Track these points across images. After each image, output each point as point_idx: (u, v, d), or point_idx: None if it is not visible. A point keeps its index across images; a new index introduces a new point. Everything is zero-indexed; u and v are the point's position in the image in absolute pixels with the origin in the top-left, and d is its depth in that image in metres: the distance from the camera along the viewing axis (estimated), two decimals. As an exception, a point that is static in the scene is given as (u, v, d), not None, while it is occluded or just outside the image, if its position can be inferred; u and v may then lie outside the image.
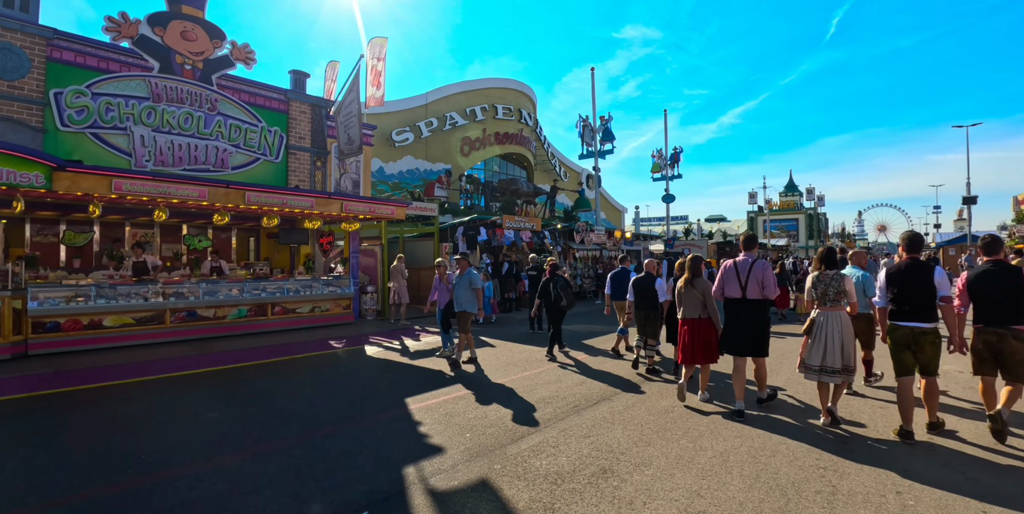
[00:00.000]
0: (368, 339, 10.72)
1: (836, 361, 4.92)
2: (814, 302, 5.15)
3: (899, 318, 4.74)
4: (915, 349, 4.63)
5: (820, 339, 4.99)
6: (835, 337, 4.94)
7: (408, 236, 16.58)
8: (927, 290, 4.61)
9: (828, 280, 5.05)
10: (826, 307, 5.03)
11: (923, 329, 4.59)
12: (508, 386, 6.93)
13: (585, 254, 18.94)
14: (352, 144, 11.57)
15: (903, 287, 4.72)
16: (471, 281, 8.11)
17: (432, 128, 31.51)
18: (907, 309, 4.67)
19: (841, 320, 4.98)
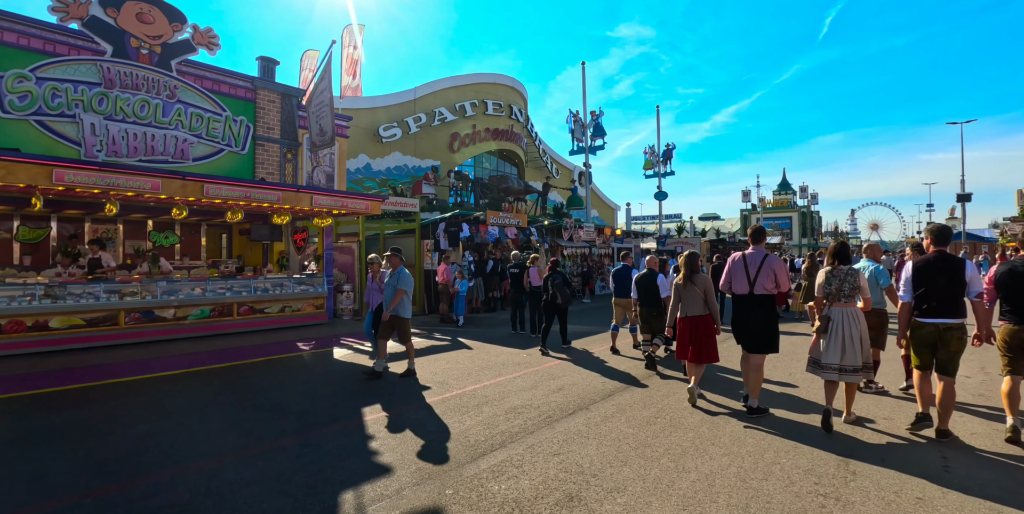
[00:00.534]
0: (339, 341, 10.12)
1: (856, 359, 4.73)
2: (825, 299, 4.91)
3: (925, 315, 4.52)
4: (940, 345, 4.46)
5: (837, 337, 4.76)
6: (853, 334, 4.74)
7: (389, 233, 15.96)
8: (957, 285, 4.43)
9: (843, 275, 4.83)
10: (840, 303, 4.82)
11: (949, 325, 4.42)
12: (480, 393, 6.35)
13: (574, 251, 18.39)
14: (324, 135, 10.95)
15: (931, 282, 4.49)
16: (399, 281, 7.14)
17: (421, 124, 30.87)
18: (934, 305, 4.46)
19: (857, 316, 4.81)
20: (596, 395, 6.23)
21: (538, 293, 10.46)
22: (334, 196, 10.60)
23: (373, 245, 16.59)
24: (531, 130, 39.11)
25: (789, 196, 67.85)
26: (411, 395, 6.28)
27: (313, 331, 11.01)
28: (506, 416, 5.44)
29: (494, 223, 14.80)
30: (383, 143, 28.79)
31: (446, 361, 8.23)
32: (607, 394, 6.26)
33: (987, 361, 7.77)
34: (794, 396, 6.14)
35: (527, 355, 8.68)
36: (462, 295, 11.44)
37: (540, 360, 8.27)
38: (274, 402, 5.98)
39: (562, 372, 7.44)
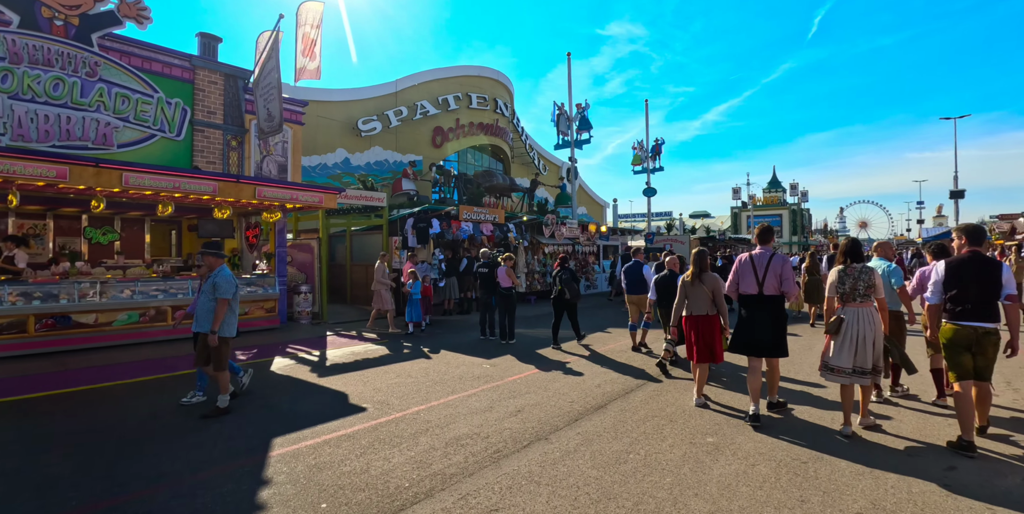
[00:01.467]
0: (285, 349, 9.06)
1: (867, 361, 4.57)
2: (838, 299, 4.71)
3: (961, 318, 4.28)
4: (976, 351, 4.23)
5: (851, 339, 4.58)
6: (867, 336, 4.56)
7: (356, 229, 14.89)
8: (993, 287, 4.21)
9: (856, 274, 4.62)
10: (855, 303, 4.61)
11: (987, 329, 4.20)
12: (422, 417, 5.33)
13: (556, 249, 17.40)
14: (272, 121, 9.88)
15: (966, 283, 4.26)
16: (216, 288, 5.44)
17: (402, 117, 29.73)
18: (969, 308, 4.23)
19: (872, 317, 4.61)
20: (560, 419, 5.22)
21: (508, 295, 9.46)
22: (282, 188, 9.50)
23: (339, 242, 15.52)
24: (517, 125, 38.06)
25: (779, 194, 67.32)
26: (339, 419, 5.23)
27: (260, 337, 9.93)
28: (445, 450, 4.42)
29: (468, 219, 13.77)
30: (362, 137, 27.67)
31: (396, 374, 7.20)
32: (573, 418, 5.26)
33: (1012, 375, 6.85)
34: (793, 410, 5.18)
35: (490, 366, 7.66)
36: (415, 298, 10.34)
37: (503, 373, 7.26)
38: (172, 429, 4.92)
39: (526, 388, 6.42)
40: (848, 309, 4.63)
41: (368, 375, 7.15)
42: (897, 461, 4.08)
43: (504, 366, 7.68)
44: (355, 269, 14.53)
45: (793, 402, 5.68)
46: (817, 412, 5.33)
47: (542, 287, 16.48)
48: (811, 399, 5.83)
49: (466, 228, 13.51)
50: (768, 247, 5.22)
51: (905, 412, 5.36)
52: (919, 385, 6.32)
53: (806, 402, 5.71)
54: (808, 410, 5.42)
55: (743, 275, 5.18)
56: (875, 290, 4.62)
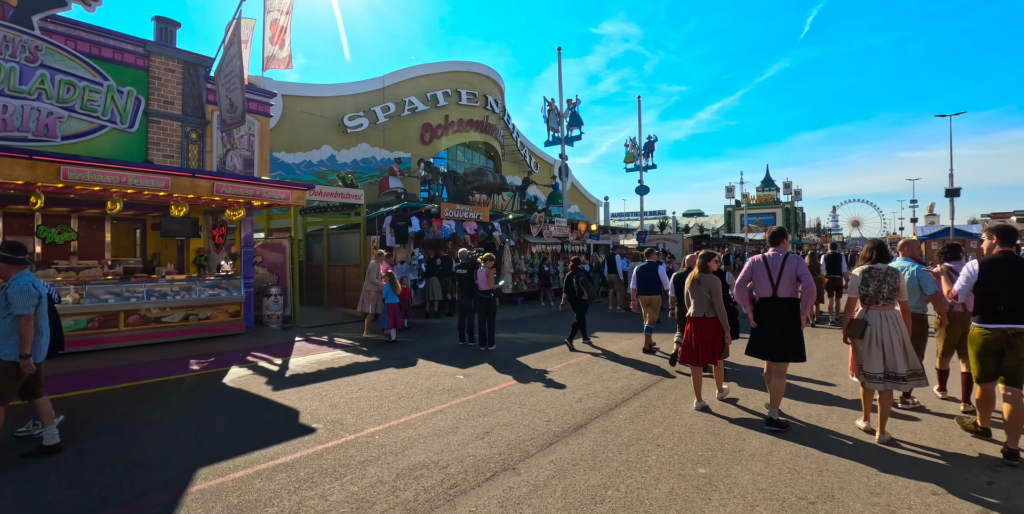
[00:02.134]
0: (245, 357, 8.40)
1: (901, 365, 4.40)
2: (861, 301, 4.61)
3: (991, 320, 4.18)
4: (1008, 352, 4.12)
5: (877, 343, 4.46)
6: (894, 339, 4.44)
7: (333, 228, 14.21)
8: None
9: (882, 276, 4.51)
10: (879, 306, 4.50)
11: (1018, 331, 4.10)
12: (377, 441, 4.70)
13: (544, 249, 16.78)
14: (235, 112, 9.21)
15: (998, 284, 4.16)
16: (8, 302, 4.25)
17: (389, 113, 29.07)
18: (1001, 309, 4.14)
19: (896, 320, 4.50)
20: (532, 443, 4.60)
21: (487, 299, 8.84)
22: (245, 184, 8.82)
23: (317, 241, 14.85)
24: (508, 122, 37.45)
25: (773, 192, 67.07)
26: (283, 443, 4.59)
27: (222, 344, 9.27)
28: (394, 484, 3.80)
29: (450, 217, 13.12)
30: (348, 134, 27.00)
31: (359, 387, 6.56)
32: (548, 441, 4.64)
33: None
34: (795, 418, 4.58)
35: (464, 377, 7.04)
36: (390, 302, 9.65)
37: (477, 385, 6.63)
38: (75, 461, 4.26)
39: (499, 403, 5.80)
40: (871, 312, 4.50)
41: (328, 388, 6.51)
42: (927, 482, 3.49)
43: (479, 377, 7.06)
44: (332, 270, 13.87)
45: (799, 405, 5.09)
46: (823, 418, 4.75)
47: (529, 288, 15.86)
48: (819, 399, 5.25)
49: (448, 227, 12.86)
50: (781, 248, 5.06)
51: (916, 421, 4.80)
52: (925, 394, 5.76)
53: (815, 400, 5.13)
54: (815, 413, 4.82)
55: (757, 277, 5.03)
56: (899, 293, 4.50)
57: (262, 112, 10.33)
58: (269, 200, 9.23)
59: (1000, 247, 4.29)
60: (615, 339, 9.95)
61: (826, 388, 6.31)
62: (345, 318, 12.63)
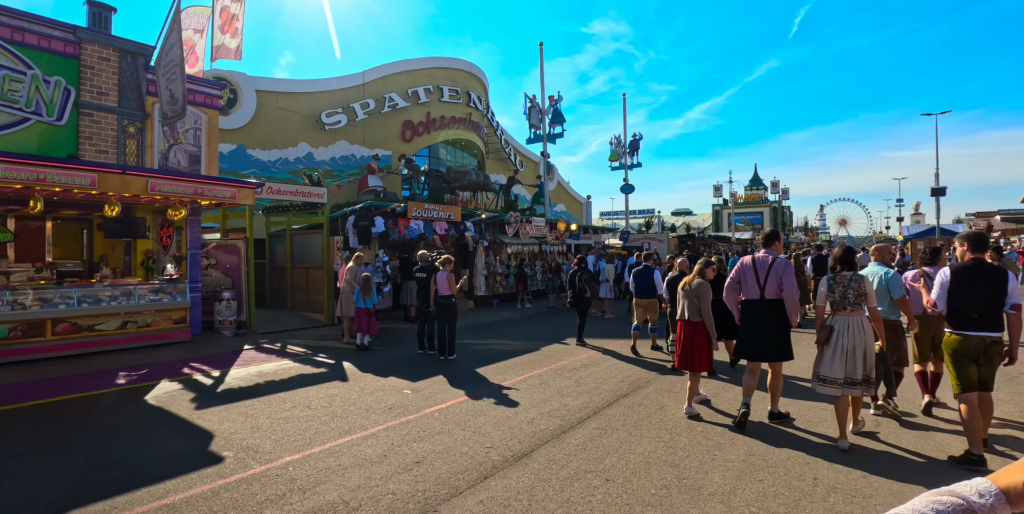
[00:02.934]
0: (181, 368, 7.75)
1: (859, 371, 4.40)
2: (828, 307, 4.64)
3: (967, 327, 4.18)
4: (983, 361, 4.15)
5: (840, 348, 4.44)
6: (857, 345, 4.41)
7: (296, 228, 13.54)
8: (999, 297, 4.10)
9: (846, 282, 4.52)
10: (845, 312, 4.51)
11: (994, 339, 4.14)
12: (289, 473, 4.10)
13: (521, 249, 16.19)
14: (176, 103, 8.54)
15: (972, 292, 4.16)
16: None
17: (369, 110, 28.33)
18: (975, 317, 4.15)
19: (863, 326, 4.46)
20: (465, 477, 4.02)
21: (447, 305, 8.25)
22: (183, 181, 8.14)
23: (279, 242, 14.17)
24: (492, 120, 36.77)
25: (760, 191, 66.91)
26: (181, 477, 3.97)
27: (161, 353, 8.60)
28: (288, 535, 3.20)
29: (418, 216, 12.49)
30: (327, 131, 26.26)
31: (293, 404, 5.95)
32: (483, 474, 4.06)
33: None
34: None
35: (412, 392, 6.44)
36: (360, 308, 9.06)
37: (423, 402, 6.04)
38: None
39: (441, 425, 5.21)
40: (838, 318, 4.50)
41: (258, 406, 5.89)
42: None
43: (429, 391, 6.46)
44: (296, 272, 13.21)
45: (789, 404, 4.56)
46: (813, 422, 4.21)
47: (505, 290, 15.28)
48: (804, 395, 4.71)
49: (416, 227, 12.24)
50: (772, 250, 5.07)
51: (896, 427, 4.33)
52: (905, 397, 5.26)
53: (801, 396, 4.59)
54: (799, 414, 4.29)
55: (745, 279, 5.07)
56: (866, 299, 4.45)
57: (210, 105, 9.66)
58: (213, 199, 8.57)
59: (971, 254, 4.27)
60: (585, 346, 9.39)
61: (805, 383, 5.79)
62: (307, 323, 11.99)
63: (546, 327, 11.65)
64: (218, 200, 8.76)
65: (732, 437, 4.71)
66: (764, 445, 4.53)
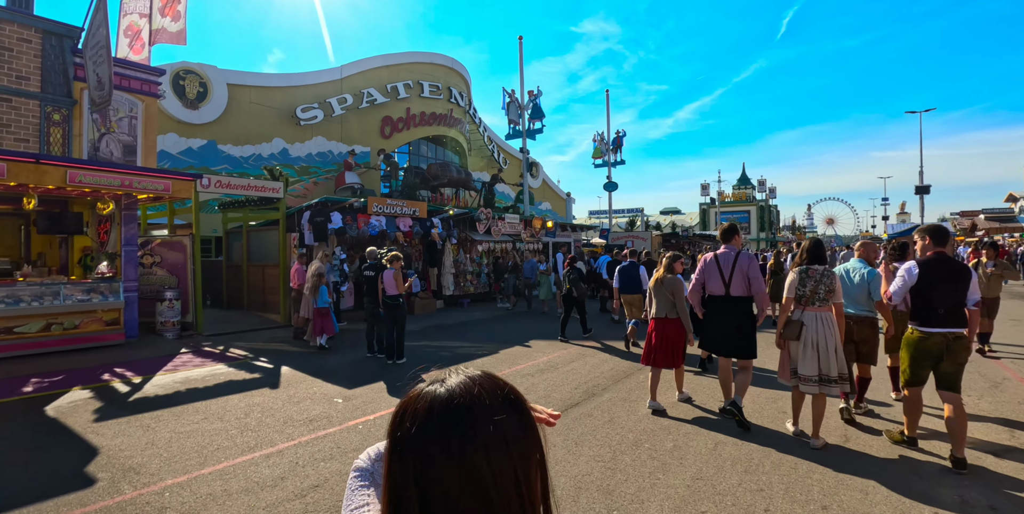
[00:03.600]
0: (102, 374, 7.11)
1: (833, 368, 4.25)
2: (797, 301, 4.47)
3: (931, 324, 4.02)
4: (947, 357, 3.99)
5: (812, 345, 4.28)
6: (828, 341, 4.29)
7: (254, 225, 12.89)
8: (962, 292, 3.96)
9: (818, 276, 4.39)
10: (814, 307, 4.38)
11: (959, 335, 3.97)
12: (165, 499, 3.53)
13: (493, 247, 15.62)
14: (103, 89, 7.89)
15: (936, 287, 4.00)
16: None
17: (346, 106, 27.63)
18: (941, 313, 3.98)
19: (832, 322, 4.35)
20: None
21: (395, 305, 7.69)
22: (107, 172, 7.48)
23: (236, 239, 13.52)
24: (475, 116, 36.17)
25: (748, 190, 66.78)
26: (40, 503, 3.39)
27: (88, 358, 7.95)
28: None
29: (379, 212, 11.89)
30: (302, 126, 25.55)
31: (204, 416, 5.36)
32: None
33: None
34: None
35: (342, 401, 5.87)
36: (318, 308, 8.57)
37: (350, 413, 5.47)
38: None
39: (359, 441, 4.65)
40: (807, 313, 4.36)
41: (165, 417, 5.29)
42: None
43: (362, 400, 5.90)
44: (252, 270, 12.57)
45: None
46: (770, 419, 3.69)
47: (477, 289, 14.71)
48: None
49: (376, 223, 11.64)
50: (733, 246, 4.96)
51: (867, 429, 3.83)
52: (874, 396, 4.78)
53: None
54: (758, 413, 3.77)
55: (709, 276, 4.96)
56: (834, 295, 4.34)
57: (147, 92, 9.01)
58: (143, 191, 7.93)
59: (933, 248, 4.12)
60: (549, 348, 8.86)
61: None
62: (262, 324, 11.36)
63: (513, 328, 11.12)
64: (150, 193, 8.12)
65: (681, 456, 4.19)
66: (716, 465, 4.00)
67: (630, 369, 7.21)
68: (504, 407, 0.69)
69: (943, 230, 4.19)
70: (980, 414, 5.15)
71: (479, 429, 0.66)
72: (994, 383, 6.26)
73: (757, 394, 5.80)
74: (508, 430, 0.67)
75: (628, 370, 7.17)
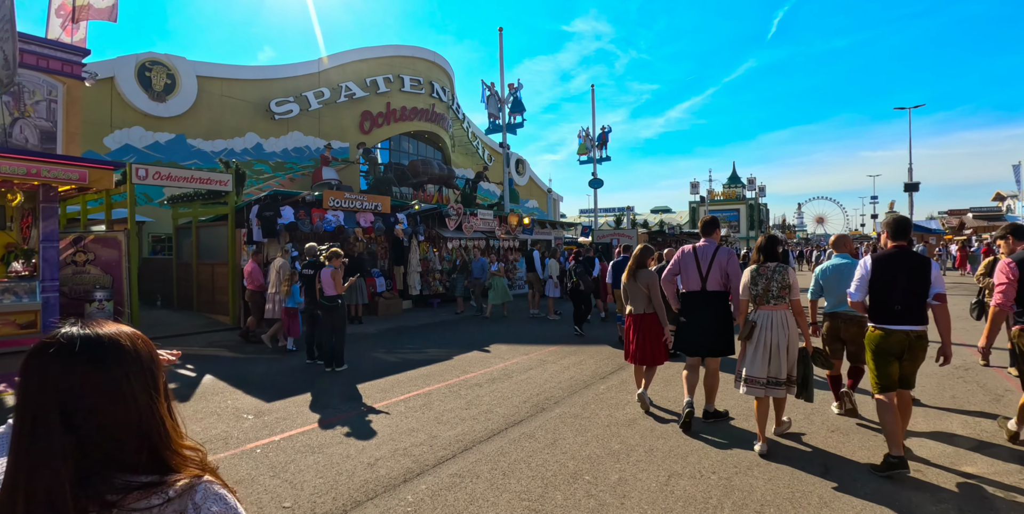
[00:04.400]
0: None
1: (781, 371, 4.03)
2: (751, 301, 4.25)
3: (890, 320, 3.75)
4: (907, 357, 3.75)
5: (763, 345, 4.06)
6: (780, 342, 4.04)
7: (203, 220, 12.07)
8: (922, 286, 3.71)
9: (770, 273, 4.14)
10: (768, 306, 4.12)
11: (919, 333, 3.73)
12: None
13: (464, 243, 14.85)
14: (8, 68, 7.10)
15: (895, 282, 3.75)
16: None
17: (323, 100, 26.76)
18: (899, 309, 3.72)
19: (786, 321, 4.09)
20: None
21: (333, 307, 6.93)
22: (9, 159, 6.66)
23: (186, 236, 12.69)
24: (458, 112, 35.36)
25: (739, 189, 66.44)
26: None
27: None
28: None
29: (336, 206, 11.10)
30: (277, 121, 24.70)
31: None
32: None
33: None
34: None
35: (252, 417, 5.10)
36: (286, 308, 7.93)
37: (256, 432, 4.69)
38: None
39: (251, 470, 3.88)
40: (760, 312, 4.18)
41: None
42: None
43: (277, 416, 5.14)
44: (201, 269, 11.75)
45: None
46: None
47: (445, 289, 13.95)
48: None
49: (332, 218, 10.86)
50: (712, 239, 4.83)
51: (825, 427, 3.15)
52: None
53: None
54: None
55: (685, 269, 4.80)
56: (790, 291, 4.13)
57: (69, 73, 8.20)
58: (53, 180, 7.11)
59: (893, 242, 3.92)
60: (510, 353, 8.14)
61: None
62: (207, 326, 10.56)
63: (478, 332, 10.38)
64: (63, 183, 7.32)
65: (624, 493, 3.46)
66: (664, 507, 3.28)
67: (592, 378, 6.51)
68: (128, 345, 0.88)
69: (902, 222, 3.97)
70: (986, 439, 4.45)
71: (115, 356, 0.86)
72: (996, 396, 5.59)
73: (726, 406, 5.10)
74: (134, 359, 0.87)
75: (589, 379, 6.46)
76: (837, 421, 4.80)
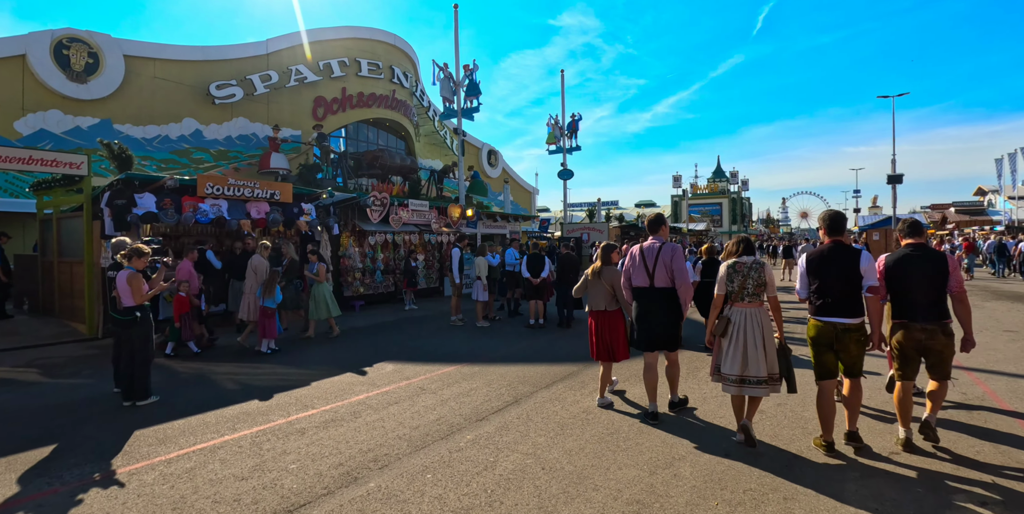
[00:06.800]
0: None
1: (760, 369, 4.01)
2: (726, 298, 4.28)
3: (820, 313, 4.00)
4: (839, 348, 3.90)
5: (738, 343, 4.07)
6: (756, 339, 4.04)
7: (65, 210, 10.23)
8: (852, 280, 3.88)
9: (746, 270, 4.15)
10: (743, 303, 4.13)
11: (847, 326, 3.86)
12: None
13: (392, 238, 13.13)
14: None
15: (825, 276, 3.97)
16: None
17: (271, 83, 24.80)
18: (829, 302, 3.93)
19: (762, 318, 4.12)
20: None
21: (128, 322, 5.23)
22: None
23: (48, 229, 10.83)
24: (423, 99, 33.46)
25: (723, 183, 65.42)
26: None
27: None
28: None
29: (215, 194, 9.31)
30: (218, 105, 22.74)
31: None
32: None
33: None
34: None
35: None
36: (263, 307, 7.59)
37: None
38: None
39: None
40: (735, 309, 4.14)
41: None
42: None
43: None
44: (61, 268, 9.95)
45: None
46: None
47: (369, 289, 12.24)
48: None
49: (208, 208, 9.09)
50: (659, 237, 4.91)
51: None
52: None
53: None
54: None
55: (634, 268, 4.90)
56: (767, 288, 4.10)
57: None
58: None
59: (828, 237, 4.04)
60: (391, 377, 6.49)
61: None
62: (58, 336, 8.78)
63: (384, 343, 8.72)
64: None
65: None
66: None
67: (468, 419, 4.88)
68: None
69: (836, 217, 4.04)
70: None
71: None
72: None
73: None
74: None
75: (463, 422, 4.82)
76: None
